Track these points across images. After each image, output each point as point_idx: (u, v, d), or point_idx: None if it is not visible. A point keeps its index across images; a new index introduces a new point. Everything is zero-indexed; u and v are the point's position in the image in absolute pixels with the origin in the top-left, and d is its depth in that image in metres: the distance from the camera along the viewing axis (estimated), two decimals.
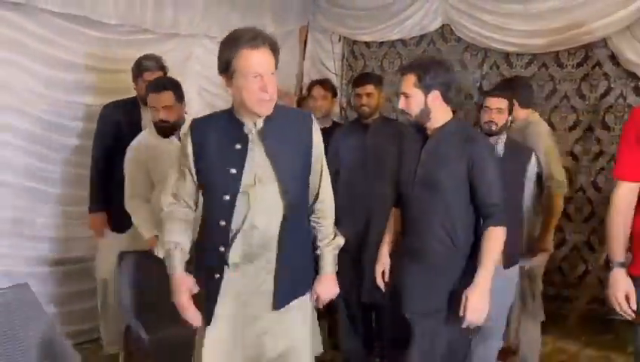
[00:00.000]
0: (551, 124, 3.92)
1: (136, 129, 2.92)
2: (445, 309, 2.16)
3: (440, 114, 2.19)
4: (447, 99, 2.19)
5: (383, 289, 2.40)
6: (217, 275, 1.88)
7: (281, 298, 1.93)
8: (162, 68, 3.07)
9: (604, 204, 3.73)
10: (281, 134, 1.88)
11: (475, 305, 2.06)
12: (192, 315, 1.92)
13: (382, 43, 4.56)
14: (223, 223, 1.85)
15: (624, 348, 3.42)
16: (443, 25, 4.21)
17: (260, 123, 1.87)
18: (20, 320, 2.15)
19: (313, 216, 2.02)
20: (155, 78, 2.84)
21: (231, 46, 1.78)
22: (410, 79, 2.16)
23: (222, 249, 1.87)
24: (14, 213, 3.12)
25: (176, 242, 1.95)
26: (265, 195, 1.86)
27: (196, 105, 3.76)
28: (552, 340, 3.57)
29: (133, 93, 3.09)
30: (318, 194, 2.01)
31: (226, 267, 1.88)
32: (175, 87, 2.73)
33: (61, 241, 3.32)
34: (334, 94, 3.61)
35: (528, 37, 3.80)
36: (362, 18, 4.52)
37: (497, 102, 2.70)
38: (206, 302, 1.93)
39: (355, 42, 4.69)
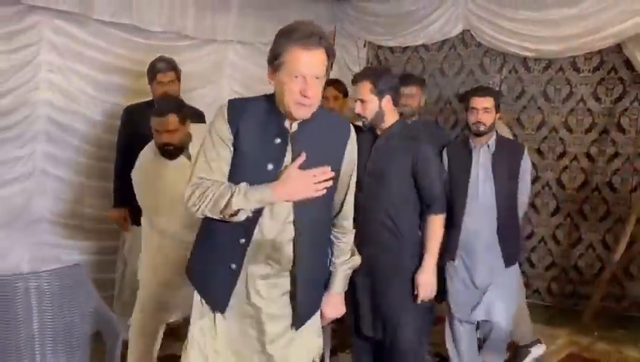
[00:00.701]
0: (568, 127, 4.09)
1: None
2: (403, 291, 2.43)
3: (390, 116, 2.43)
4: (395, 103, 2.44)
5: None
6: (234, 265, 1.77)
7: (300, 317, 1.84)
8: (174, 69, 3.15)
9: (619, 203, 3.90)
10: (313, 140, 1.72)
11: (425, 282, 2.40)
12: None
13: (405, 48, 4.75)
14: (250, 215, 1.69)
15: (636, 343, 3.55)
16: (464, 31, 4.39)
17: (295, 124, 1.72)
18: (77, 293, 2.37)
19: (334, 229, 1.91)
20: (159, 103, 2.69)
21: (284, 38, 1.64)
22: (366, 86, 2.38)
23: (242, 241, 1.75)
24: (64, 205, 3.45)
25: (236, 185, 1.68)
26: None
27: None
28: (566, 334, 3.69)
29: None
30: (341, 209, 1.89)
31: (245, 259, 1.77)
32: (178, 110, 2.58)
33: (105, 232, 3.59)
34: (346, 94, 3.67)
35: (544, 42, 3.96)
36: (387, 24, 4.72)
37: (483, 102, 2.71)
38: (219, 290, 1.81)
39: (379, 47, 4.89)
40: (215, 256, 1.81)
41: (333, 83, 3.62)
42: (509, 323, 2.89)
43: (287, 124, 1.72)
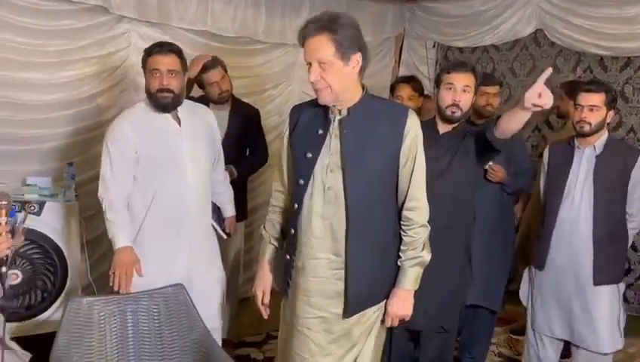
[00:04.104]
0: None
1: None
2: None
3: None
4: None
5: None
6: (288, 257, 1.88)
7: (351, 307, 1.81)
8: (221, 63, 3.17)
9: None
10: (364, 125, 1.76)
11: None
12: (259, 306, 1.98)
13: (475, 48, 4.71)
14: (296, 207, 1.83)
15: None
16: (536, 30, 4.29)
17: (345, 111, 1.78)
18: (178, 321, 2.10)
19: (401, 222, 1.85)
20: (160, 43, 2.42)
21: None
22: (471, 78, 2.36)
23: (292, 231, 1.86)
24: None
25: (270, 233, 2.00)
26: (333, 185, 1.77)
27: None
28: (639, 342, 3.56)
29: (248, 97, 3.49)
30: (405, 200, 1.82)
31: (295, 251, 1.85)
32: (180, 54, 2.33)
33: None
34: (422, 93, 3.42)
35: (622, 40, 3.80)
36: (456, 25, 4.70)
37: (591, 98, 2.44)
38: (282, 279, 1.94)
39: (448, 48, 4.89)
40: (284, 248, 1.96)
41: (408, 81, 3.42)
42: (602, 351, 2.53)
43: (331, 115, 1.81)
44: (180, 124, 2.37)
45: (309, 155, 1.79)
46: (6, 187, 2.86)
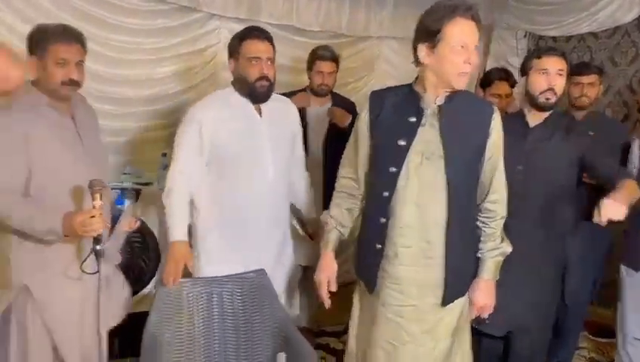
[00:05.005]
0: None
1: (302, 117, 2.72)
2: None
3: None
4: None
5: None
6: (379, 246, 1.83)
7: (449, 293, 1.81)
8: (335, 59, 3.18)
9: None
10: (458, 116, 1.78)
11: None
12: (322, 294, 1.96)
13: (570, 37, 4.44)
14: (386, 195, 1.79)
15: None
16: (639, 16, 3.99)
17: (441, 99, 1.78)
18: (259, 306, 2.13)
19: (481, 215, 1.87)
20: (253, 28, 2.36)
21: (444, 12, 1.70)
22: (563, 62, 2.28)
23: (383, 220, 1.81)
24: None
25: (337, 220, 1.98)
26: (429, 173, 1.77)
27: None
28: None
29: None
30: (488, 192, 1.85)
31: (386, 240, 1.82)
32: (273, 41, 2.24)
33: None
34: (514, 87, 3.27)
35: None
36: (551, 13, 4.44)
37: None
38: (368, 271, 1.89)
39: (540, 37, 4.65)
40: (365, 236, 1.92)
41: (504, 77, 3.18)
42: None
43: (423, 103, 1.79)
44: (260, 115, 2.27)
45: (402, 143, 1.78)
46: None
